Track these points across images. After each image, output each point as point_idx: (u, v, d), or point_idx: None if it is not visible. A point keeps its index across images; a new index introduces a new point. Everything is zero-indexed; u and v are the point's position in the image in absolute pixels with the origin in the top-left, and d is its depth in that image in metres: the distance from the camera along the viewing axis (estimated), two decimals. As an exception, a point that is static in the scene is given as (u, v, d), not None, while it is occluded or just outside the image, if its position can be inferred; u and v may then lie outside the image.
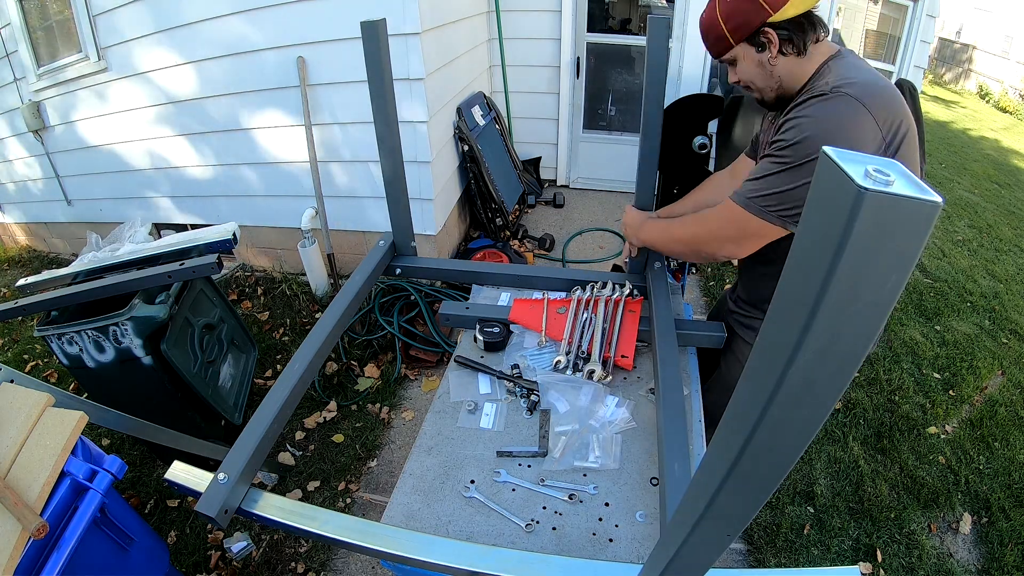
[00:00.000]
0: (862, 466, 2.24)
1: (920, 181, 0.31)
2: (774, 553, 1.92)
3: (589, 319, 1.33)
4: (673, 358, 1.21)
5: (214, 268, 1.80)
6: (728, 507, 0.52)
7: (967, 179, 5.61)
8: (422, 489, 1.06)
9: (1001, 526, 2.04)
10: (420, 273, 1.66)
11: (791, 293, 0.37)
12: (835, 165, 0.32)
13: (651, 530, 0.97)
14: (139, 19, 2.82)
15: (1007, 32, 9.85)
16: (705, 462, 0.53)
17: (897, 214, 0.31)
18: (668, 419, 1.06)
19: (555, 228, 3.91)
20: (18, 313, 1.87)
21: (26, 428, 1.24)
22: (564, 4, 3.69)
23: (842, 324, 0.35)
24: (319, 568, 1.90)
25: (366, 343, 2.79)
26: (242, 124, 3.00)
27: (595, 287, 1.43)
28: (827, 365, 0.38)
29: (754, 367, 0.43)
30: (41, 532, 1.11)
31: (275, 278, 3.43)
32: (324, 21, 2.62)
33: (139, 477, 2.21)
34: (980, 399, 2.65)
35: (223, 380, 2.18)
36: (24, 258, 4.23)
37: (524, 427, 1.18)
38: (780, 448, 0.45)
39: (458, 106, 3.31)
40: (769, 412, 0.41)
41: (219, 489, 0.93)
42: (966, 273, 3.73)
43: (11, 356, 3.02)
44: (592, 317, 1.33)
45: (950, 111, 8.95)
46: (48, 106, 3.35)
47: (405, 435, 2.41)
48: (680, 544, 0.60)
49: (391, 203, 1.54)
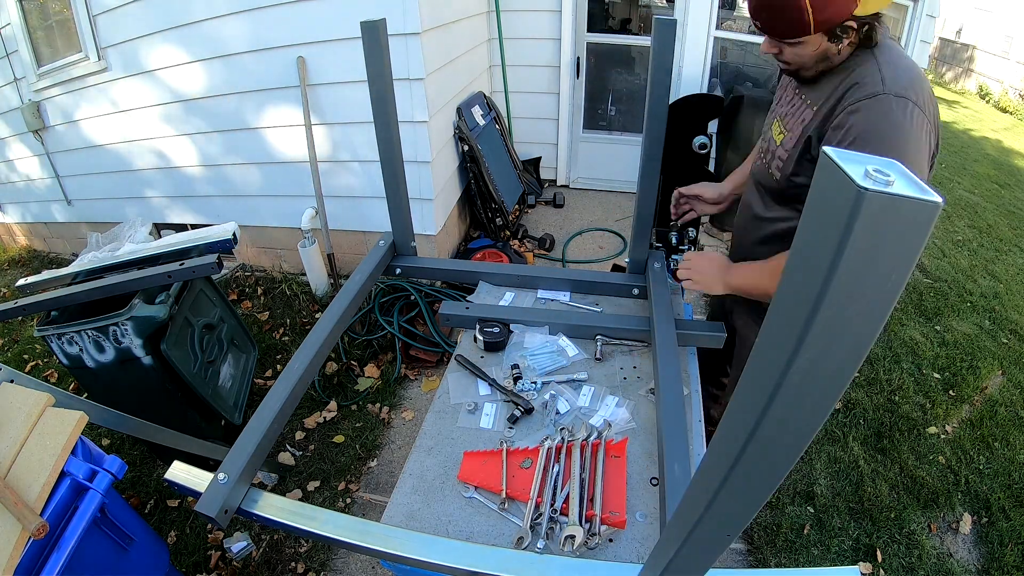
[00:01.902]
0: (862, 466, 2.24)
1: (920, 181, 0.31)
2: (774, 553, 1.92)
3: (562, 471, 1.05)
4: (673, 358, 1.20)
5: (214, 268, 1.80)
6: (728, 507, 0.52)
7: (967, 179, 5.61)
8: (422, 489, 1.06)
9: (1001, 526, 2.04)
10: (420, 273, 1.66)
11: (791, 293, 0.37)
12: (835, 165, 0.32)
13: (651, 530, 0.97)
14: (139, 19, 2.82)
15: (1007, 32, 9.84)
16: (705, 462, 0.53)
17: (897, 214, 0.31)
18: (668, 419, 1.06)
19: (555, 228, 3.91)
20: (18, 313, 1.87)
21: (26, 428, 1.24)
22: (564, 4, 3.69)
23: (842, 324, 0.35)
24: (319, 568, 1.90)
25: (366, 343, 2.79)
26: (242, 124, 3.00)
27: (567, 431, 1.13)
28: (827, 365, 0.38)
29: (754, 367, 0.43)
30: (41, 532, 1.11)
31: (275, 278, 3.43)
32: (324, 21, 2.62)
33: (139, 477, 2.21)
34: (980, 399, 2.65)
35: (223, 380, 2.18)
36: (24, 258, 4.23)
37: (525, 427, 1.18)
38: (780, 448, 0.45)
39: (458, 106, 3.31)
40: (769, 412, 0.41)
41: (219, 489, 0.93)
42: (966, 273, 3.73)
43: (11, 356, 3.02)
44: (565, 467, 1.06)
45: (952, 111, 8.94)
46: (48, 106, 3.35)
47: (405, 435, 2.41)
48: (680, 544, 0.60)
49: (391, 203, 1.54)
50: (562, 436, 1.11)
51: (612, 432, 1.14)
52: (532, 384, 1.25)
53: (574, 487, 1.01)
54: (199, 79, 2.91)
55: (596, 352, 1.35)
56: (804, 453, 0.46)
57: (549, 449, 1.09)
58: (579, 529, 0.95)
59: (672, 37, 1.19)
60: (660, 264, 1.52)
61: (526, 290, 1.60)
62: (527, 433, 1.16)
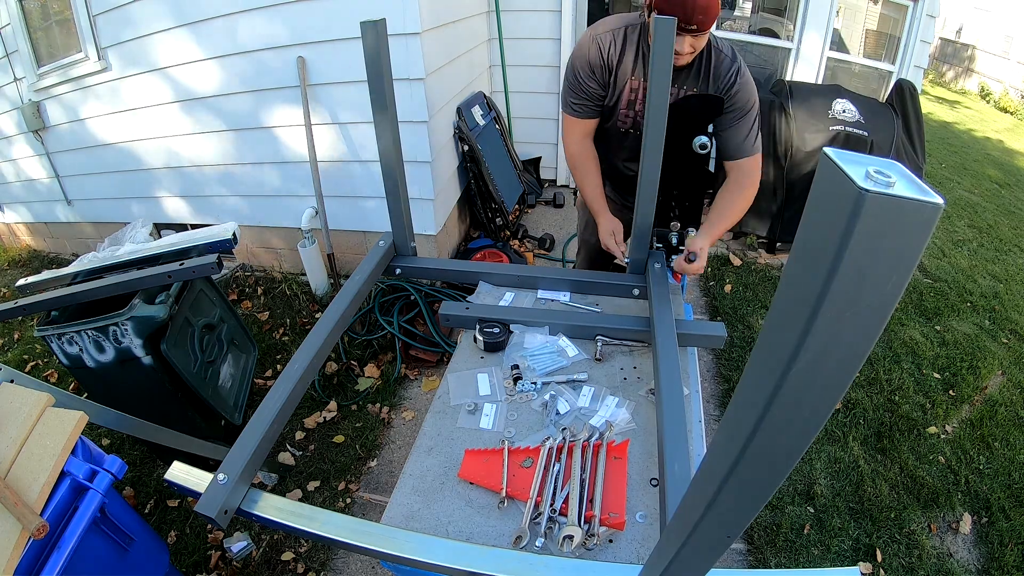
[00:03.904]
0: (862, 466, 2.24)
1: (921, 182, 0.31)
2: (774, 553, 1.92)
3: (563, 471, 1.06)
4: (673, 358, 1.20)
5: (214, 268, 1.80)
6: (728, 508, 0.52)
7: (967, 179, 5.60)
8: (422, 490, 1.06)
9: (1001, 526, 2.04)
10: (420, 273, 1.66)
11: (792, 294, 0.37)
12: (835, 166, 0.32)
13: (651, 531, 0.97)
14: (139, 19, 2.82)
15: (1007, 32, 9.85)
16: (705, 463, 0.53)
17: (898, 216, 0.31)
18: (668, 420, 1.06)
19: (555, 228, 3.91)
20: (18, 313, 1.87)
21: (26, 428, 1.24)
22: (564, 4, 3.69)
23: (843, 325, 0.35)
24: (319, 568, 1.90)
25: (366, 343, 2.79)
26: (242, 124, 3.00)
27: (569, 431, 1.13)
28: (827, 366, 0.38)
29: (755, 367, 0.43)
30: (41, 532, 1.11)
31: (275, 278, 3.43)
32: (324, 21, 2.62)
33: (139, 477, 2.21)
34: (980, 399, 2.64)
35: (223, 380, 2.18)
36: (24, 258, 4.23)
37: (525, 426, 1.18)
38: (780, 449, 0.45)
39: (458, 106, 3.31)
40: (770, 413, 0.41)
41: (219, 489, 0.93)
42: (966, 273, 3.73)
43: (11, 356, 3.02)
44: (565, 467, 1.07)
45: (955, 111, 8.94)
46: (48, 106, 3.35)
47: (405, 435, 2.41)
48: (680, 545, 0.60)
49: (391, 203, 1.54)
50: (563, 436, 1.12)
51: (613, 433, 1.14)
52: (532, 384, 1.25)
53: (574, 488, 1.01)
54: (199, 79, 2.90)
55: (596, 352, 1.35)
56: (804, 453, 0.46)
57: (550, 449, 1.09)
58: (577, 529, 0.95)
59: (672, 37, 1.19)
60: (660, 264, 1.52)
61: (526, 290, 1.60)
62: (528, 433, 1.16)
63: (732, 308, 3.14)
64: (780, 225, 3.49)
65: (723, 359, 2.78)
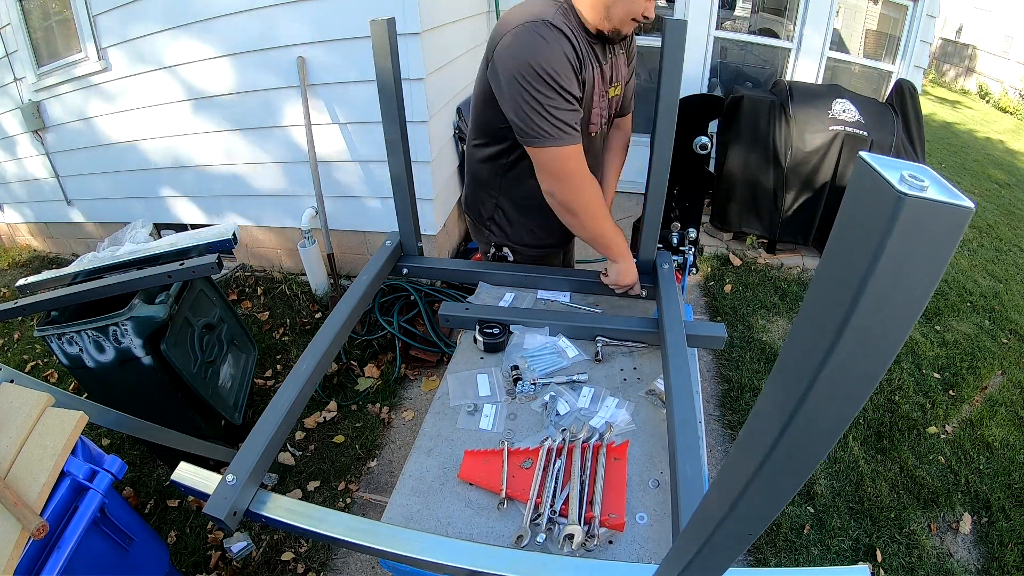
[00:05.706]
0: (862, 466, 2.24)
1: (951, 186, 0.32)
2: (774, 553, 1.92)
3: (562, 471, 1.05)
4: (683, 360, 1.20)
5: (214, 268, 1.80)
6: (753, 506, 0.53)
7: (967, 179, 5.60)
8: (421, 491, 1.06)
9: (1001, 526, 2.04)
10: (426, 273, 1.65)
11: (825, 296, 0.38)
12: (873, 170, 0.33)
13: (651, 532, 0.97)
14: (139, 19, 2.82)
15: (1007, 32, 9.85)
16: (730, 461, 0.54)
17: (932, 219, 0.31)
18: (680, 421, 1.06)
19: (555, 228, 3.90)
20: (18, 313, 1.87)
21: (26, 428, 1.24)
22: (564, 4, 3.68)
23: (873, 328, 0.36)
24: (319, 568, 1.90)
25: (366, 343, 2.79)
26: (242, 124, 3.00)
27: (569, 432, 1.13)
28: (857, 368, 0.39)
29: (783, 369, 0.44)
30: (41, 532, 1.11)
31: (275, 278, 3.43)
32: (324, 21, 2.61)
33: (139, 477, 2.21)
34: (980, 399, 2.65)
35: (223, 380, 2.18)
36: (24, 258, 4.23)
37: (526, 427, 1.18)
38: (808, 448, 0.46)
39: (458, 106, 3.31)
40: (802, 410, 0.42)
41: (228, 491, 0.92)
42: (966, 273, 3.73)
43: (11, 356, 3.02)
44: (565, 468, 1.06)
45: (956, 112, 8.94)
46: (48, 106, 3.34)
47: (405, 435, 2.41)
48: (702, 543, 0.60)
49: (399, 203, 1.54)
50: (563, 437, 1.11)
51: (613, 434, 1.14)
52: (532, 385, 1.25)
53: (574, 488, 1.01)
54: (199, 79, 2.90)
55: (596, 353, 1.35)
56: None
57: (550, 449, 1.09)
58: (578, 528, 0.95)
59: (684, 38, 1.19)
60: (669, 265, 1.52)
61: (526, 290, 1.60)
62: (528, 433, 1.16)
63: (732, 308, 3.14)
64: (780, 225, 3.49)
65: (723, 359, 2.78)
